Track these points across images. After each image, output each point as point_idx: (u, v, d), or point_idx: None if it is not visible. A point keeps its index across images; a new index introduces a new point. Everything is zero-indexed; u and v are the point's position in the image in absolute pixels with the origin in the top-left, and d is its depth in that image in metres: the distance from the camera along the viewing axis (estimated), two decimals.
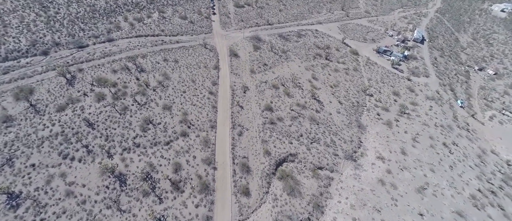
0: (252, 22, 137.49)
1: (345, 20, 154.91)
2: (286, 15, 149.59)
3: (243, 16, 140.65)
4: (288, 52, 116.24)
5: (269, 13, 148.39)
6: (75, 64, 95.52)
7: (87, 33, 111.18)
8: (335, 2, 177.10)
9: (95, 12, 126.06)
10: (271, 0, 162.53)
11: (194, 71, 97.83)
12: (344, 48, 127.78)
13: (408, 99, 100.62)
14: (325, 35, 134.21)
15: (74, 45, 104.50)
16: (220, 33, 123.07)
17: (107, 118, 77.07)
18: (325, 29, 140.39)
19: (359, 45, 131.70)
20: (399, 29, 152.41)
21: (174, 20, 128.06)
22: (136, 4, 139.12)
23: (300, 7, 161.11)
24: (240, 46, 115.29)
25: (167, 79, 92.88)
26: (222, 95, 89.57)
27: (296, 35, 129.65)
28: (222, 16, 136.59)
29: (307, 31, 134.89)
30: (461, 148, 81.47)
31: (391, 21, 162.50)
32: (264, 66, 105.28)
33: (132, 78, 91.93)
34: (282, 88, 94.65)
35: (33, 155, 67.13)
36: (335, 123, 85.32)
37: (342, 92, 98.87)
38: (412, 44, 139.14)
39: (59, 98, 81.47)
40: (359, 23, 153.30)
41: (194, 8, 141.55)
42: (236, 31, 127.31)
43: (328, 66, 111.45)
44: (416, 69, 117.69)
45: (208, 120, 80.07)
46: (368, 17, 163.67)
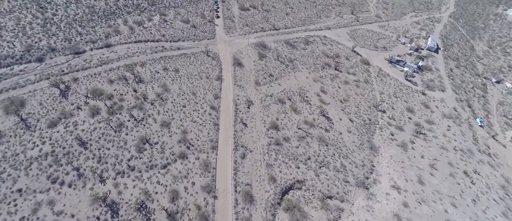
0: (258, 26, 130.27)
1: (355, 25, 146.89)
2: (293, 19, 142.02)
3: (248, 20, 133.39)
4: (295, 61, 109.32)
5: (275, 16, 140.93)
6: (70, 73, 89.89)
7: (84, 38, 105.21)
8: (345, 5, 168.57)
9: (94, 14, 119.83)
10: (277, 3, 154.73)
11: (195, 83, 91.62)
12: (354, 57, 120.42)
13: (424, 117, 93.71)
14: (334, 42, 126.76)
15: (70, 51, 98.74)
16: (223, 39, 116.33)
17: (101, 136, 71.48)
18: (334, 35, 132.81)
19: (370, 54, 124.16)
20: (412, 36, 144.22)
21: (176, 24, 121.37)
22: (136, 6, 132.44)
23: (308, 11, 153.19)
24: (245, 54, 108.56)
25: (166, 91, 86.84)
26: (224, 110, 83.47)
27: (304, 42, 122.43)
28: (226, 20, 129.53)
29: (315, 38, 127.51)
30: (484, 176, 74.83)
31: (403, 27, 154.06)
32: (269, 77, 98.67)
33: (130, 89, 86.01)
34: (288, 103, 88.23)
35: (20, 178, 61.92)
36: (346, 144, 78.98)
37: (352, 108, 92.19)
38: (426, 53, 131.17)
39: (52, 112, 75.98)
40: (370, 29, 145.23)
41: (197, 11, 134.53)
42: (241, 37, 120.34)
43: (337, 78, 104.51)
44: (431, 82, 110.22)
45: (209, 140, 74.16)
46: (379, 22, 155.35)
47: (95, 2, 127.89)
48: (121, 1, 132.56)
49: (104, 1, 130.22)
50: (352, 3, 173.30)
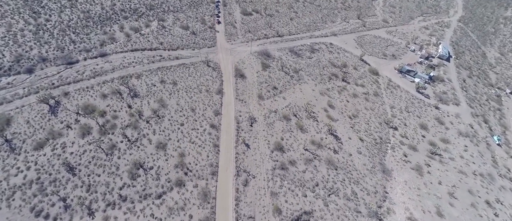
0: (261, 33, 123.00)
1: (362, 31, 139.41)
2: (297, 25, 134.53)
3: (250, 26, 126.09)
4: (300, 72, 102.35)
5: (279, 22, 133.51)
6: (61, 86, 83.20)
7: (78, 46, 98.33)
8: (350, 9, 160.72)
9: (89, 20, 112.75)
10: (281, 7, 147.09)
11: (194, 97, 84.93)
12: (363, 66, 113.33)
13: (438, 135, 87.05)
14: (341, 50, 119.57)
15: (62, 61, 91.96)
16: (225, 47, 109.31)
17: (91, 160, 65.11)
18: (341, 42, 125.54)
19: (379, 63, 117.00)
20: (422, 43, 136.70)
21: (175, 31, 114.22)
22: (134, 11, 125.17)
23: (313, 15, 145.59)
24: (247, 63, 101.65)
25: (163, 107, 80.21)
26: (225, 129, 76.92)
27: (309, 50, 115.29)
28: (227, 26, 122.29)
29: (321, 45, 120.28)
30: (507, 206, 68.59)
31: (411, 33, 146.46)
32: (273, 90, 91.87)
33: (124, 105, 79.44)
34: (294, 120, 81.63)
35: (1, 211, 55.88)
36: (356, 167, 72.50)
37: (362, 125, 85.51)
38: (437, 61, 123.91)
39: (39, 132, 69.54)
40: (377, 35, 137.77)
41: (197, 16, 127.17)
42: (243, 45, 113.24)
43: (345, 90, 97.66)
44: (444, 95, 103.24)
45: (208, 164, 67.70)
46: (386, 28, 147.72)
47: (91, 6, 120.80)
48: (118, 5, 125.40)
49: (100, 5, 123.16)
50: (358, 7, 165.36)
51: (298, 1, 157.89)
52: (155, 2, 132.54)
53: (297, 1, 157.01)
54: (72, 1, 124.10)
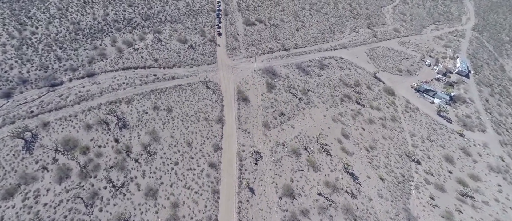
0: (265, 46, 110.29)
1: (373, 42, 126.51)
2: (304, 36, 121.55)
3: (254, 38, 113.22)
4: (309, 93, 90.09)
5: (284, 33, 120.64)
6: (41, 114, 71.29)
7: (63, 65, 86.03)
8: (359, 17, 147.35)
9: (78, 32, 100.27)
10: (286, 16, 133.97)
11: (191, 127, 72.93)
12: (377, 84, 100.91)
13: (466, 169, 75.20)
14: (352, 66, 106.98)
15: (45, 83, 79.66)
16: (226, 64, 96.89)
17: (68, 213, 53.41)
18: (351, 56, 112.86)
19: (394, 80, 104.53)
20: (437, 56, 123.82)
21: (172, 45, 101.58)
22: (128, 21, 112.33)
23: (320, 25, 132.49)
24: (251, 84, 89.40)
25: (155, 141, 68.32)
26: (226, 168, 65.04)
27: (318, 65, 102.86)
28: (229, 38, 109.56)
29: (330, 60, 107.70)
30: None
31: (425, 43, 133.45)
32: (281, 117, 79.83)
33: (110, 139, 67.56)
34: (305, 155, 69.78)
35: None
36: (378, 216, 60.78)
37: (381, 159, 73.62)
38: (456, 77, 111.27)
39: (10, 175, 57.74)
40: (389, 47, 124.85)
41: (197, 27, 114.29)
42: (246, 60, 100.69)
43: (360, 115, 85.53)
44: (468, 119, 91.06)
45: (206, 217, 55.86)
46: (398, 38, 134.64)
47: (82, 16, 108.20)
48: (111, 15, 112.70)
49: (92, 15, 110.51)
50: (367, 14, 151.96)
51: (304, 8, 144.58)
52: (151, 11, 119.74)
53: (303, 9, 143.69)
54: (62, 11, 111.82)
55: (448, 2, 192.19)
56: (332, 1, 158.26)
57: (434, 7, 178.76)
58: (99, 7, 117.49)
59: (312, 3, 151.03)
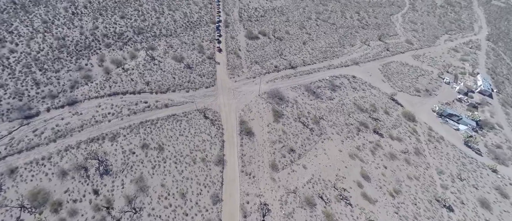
0: (270, 64, 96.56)
1: (386, 56, 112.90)
2: (312, 51, 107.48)
3: (257, 55, 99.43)
4: (321, 122, 76.87)
5: (290, 48, 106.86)
6: (9, 156, 58.25)
7: (41, 91, 72.28)
8: (369, 27, 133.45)
9: (63, 50, 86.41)
10: (292, 27, 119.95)
11: (186, 172, 59.50)
12: (395, 108, 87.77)
13: (506, 217, 62.65)
14: (367, 86, 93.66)
15: (18, 115, 65.76)
16: (226, 86, 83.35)
17: None
18: (364, 74, 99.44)
19: (412, 102, 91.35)
20: (455, 71, 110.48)
21: (166, 64, 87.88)
22: (119, 36, 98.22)
23: (328, 37, 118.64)
24: (255, 111, 76.12)
25: (142, 192, 55.05)
26: None
27: (329, 86, 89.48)
28: (230, 55, 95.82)
29: (342, 79, 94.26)
30: None
31: (440, 57, 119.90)
32: (290, 154, 66.78)
33: (88, 190, 54.27)
34: (320, 206, 56.81)
35: None
36: None
37: (409, 207, 60.73)
38: (479, 97, 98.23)
39: None
40: (403, 61, 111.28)
41: (194, 41, 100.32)
42: (249, 82, 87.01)
43: (379, 148, 72.54)
44: (499, 150, 78.14)
45: None
46: (411, 51, 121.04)
47: (69, 30, 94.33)
48: (101, 29, 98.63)
49: (79, 29, 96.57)
50: (377, 24, 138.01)
51: (310, 18, 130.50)
52: (145, 23, 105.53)
53: (309, 19, 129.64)
54: (47, 24, 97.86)
55: (457, 8, 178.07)
56: (339, 10, 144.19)
57: (445, 15, 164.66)
58: (88, 19, 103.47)
59: (318, 12, 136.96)
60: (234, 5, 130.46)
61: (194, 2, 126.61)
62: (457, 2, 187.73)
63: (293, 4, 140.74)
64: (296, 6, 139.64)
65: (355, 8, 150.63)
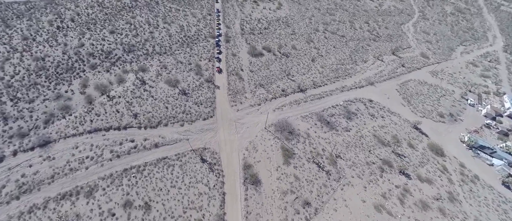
0: (276, 86, 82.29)
1: (402, 73, 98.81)
2: (322, 70, 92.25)
3: (262, 75, 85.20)
4: (339, 161, 63.35)
5: (298, 66, 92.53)
6: None
7: (9, 129, 58.49)
8: (380, 39, 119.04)
9: (41, 73, 72.47)
10: (298, 41, 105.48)
11: None
12: (419, 138, 74.10)
13: None
14: (385, 112, 80.00)
15: None
16: (227, 116, 69.35)
17: None
18: (381, 96, 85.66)
19: (437, 130, 77.79)
20: (478, 90, 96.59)
21: (158, 90, 73.84)
22: (107, 54, 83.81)
23: (339, 52, 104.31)
24: (261, 150, 62.42)
25: None
26: None
27: (344, 114, 75.79)
28: (231, 77, 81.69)
29: (357, 104, 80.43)
30: None
31: (459, 72, 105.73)
32: (305, 209, 53.11)
33: None
34: None
35: None
36: None
37: None
38: (508, 122, 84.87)
39: None
40: (422, 80, 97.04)
41: (191, 60, 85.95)
42: (253, 110, 72.49)
43: (408, 194, 59.23)
44: None
45: None
46: (428, 66, 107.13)
47: (50, 49, 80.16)
48: (87, 47, 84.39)
49: (62, 47, 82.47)
50: (388, 35, 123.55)
51: (318, 30, 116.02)
52: (137, 39, 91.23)
53: (316, 31, 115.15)
54: (27, 41, 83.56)
55: (468, 16, 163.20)
56: (347, 20, 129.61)
57: (456, 23, 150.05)
58: (74, 34, 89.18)
59: (326, 23, 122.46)
60: (235, 16, 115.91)
61: (192, 13, 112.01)
62: (467, 9, 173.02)
63: (298, 14, 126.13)
64: (302, 16, 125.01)
65: (363, 17, 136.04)
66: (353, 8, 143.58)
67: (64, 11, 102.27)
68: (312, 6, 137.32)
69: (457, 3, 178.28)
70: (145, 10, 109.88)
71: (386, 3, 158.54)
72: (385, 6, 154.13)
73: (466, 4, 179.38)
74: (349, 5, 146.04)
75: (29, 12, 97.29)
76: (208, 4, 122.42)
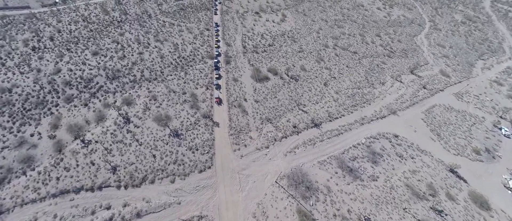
0: (286, 121, 65.68)
1: (424, 97, 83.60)
2: (337, 95, 76.22)
3: (269, 106, 68.85)
4: None
5: (309, 92, 76.76)
6: None
7: None
8: (395, 55, 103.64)
9: (4, 110, 56.55)
10: (307, 60, 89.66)
11: None
12: (457, 184, 59.37)
13: None
14: (415, 150, 64.89)
15: None
16: (229, 167, 53.25)
17: None
18: (407, 129, 70.37)
19: (476, 171, 63.10)
20: (510, 116, 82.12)
21: (145, 131, 58.11)
22: (86, 83, 67.61)
23: (353, 72, 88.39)
24: (272, 216, 45.78)
25: None
26: None
27: (369, 156, 60.17)
28: (232, 110, 65.89)
29: (382, 141, 65.06)
30: None
31: (484, 94, 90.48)
32: None
33: None
34: None
35: None
36: None
37: None
38: None
39: None
40: (447, 105, 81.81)
41: (186, 88, 69.87)
42: (260, 155, 56.26)
43: None
44: None
45: None
46: (450, 86, 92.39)
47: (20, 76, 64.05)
48: (64, 73, 68.08)
49: (35, 74, 66.54)
50: (403, 50, 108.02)
51: (327, 46, 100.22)
52: (123, 63, 75.09)
53: (326, 47, 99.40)
54: None
55: (479, 25, 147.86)
56: (358, 33, 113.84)
57: (470, 33, 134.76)
58: (51, 57, 73.04)
59: (335, 37, 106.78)
60: (236, 30, 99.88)
61: (188, 28, 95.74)
62: (476, 17, 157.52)
63: (304, 27, 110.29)
64: (309, 30, 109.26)
65: (374, 29, 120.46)
66: (361, 18, 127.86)
67: (44, 28, 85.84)
68: (318, 17, 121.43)
69: (465, 11, 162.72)
70: (135, 25, 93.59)
71: (395, 13, 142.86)
72: (394, 16, 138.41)
73: (474, 12, 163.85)
74: (357, 15, 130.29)
75: (5, 28, 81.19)
76: (205, 17, 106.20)
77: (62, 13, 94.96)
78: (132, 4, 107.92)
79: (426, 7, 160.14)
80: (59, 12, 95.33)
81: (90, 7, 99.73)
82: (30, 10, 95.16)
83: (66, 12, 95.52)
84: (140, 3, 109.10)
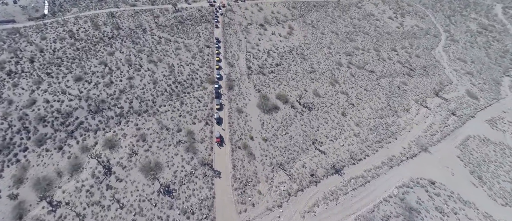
0: (300, 166, 51.16)
1: (455, 126, 69.21)
2: (358, 130, 61.66)
3: (279, 146, 54.40)
4: None
5: (326, 125, 62.33)
6: None
7: None
8: (415, 73, 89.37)
9: None
10: (320, 82, 75.13)
11: None
12: None
13: None
14: (456, 201, 50.49)
15: None
16: None
17: None
18: (443, 172, 55.96)
19: None
20: None
21: (129, 186, 43.85)
22: (64, 119, 54.07)
23: (372, 96, 73.66)
24: None
25: None
26: None
27: (404, 214, 45.53)
28: (236, 153, 51.51)
29: (417, 192, 50.23)
30: None
31: None
32: None
33: None
34: None
35: None
36: None
37: None
38: None
39: None
40: (482, 136, 66.45)
41: (181, 124, 55.82)
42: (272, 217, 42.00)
43: None
44: None
45: None
46: (480, 110, 78.64)
47: None
48: (38, 106, 55.10)
49: (4, 109, 53.10)
50: (422, 67, 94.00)
51: (341, 65, 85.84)
52: (110, 91, 61.69)
53: (339, 66, 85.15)
54: None
55: (496, 34, 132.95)
56: (372, 47, 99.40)
57: (489, 45, 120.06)
58: (26, 84, 59.82)
59: (348, 53, 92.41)
60: (239, 47, 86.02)
61: (186, 45, 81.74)
62: (492, 26, 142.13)
63: (314, 42, 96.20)
64: (319, 45, 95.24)
65: (388, 42, 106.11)
66: (374, 30, 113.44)
67: (25, 47, 72.53)
68: (328, 29, 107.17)
69: (479, 19, 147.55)
70: (128, 42, 79.91)
71: (408, 22, 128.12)
72: (407, 26, 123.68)
73: (488, 19, 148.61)
74: (369, 26, 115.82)
75: None
76: (206, 31, 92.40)
77: (48, 28, 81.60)
78: (126, 16, 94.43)
79: (438, 16, 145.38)
80: (45, 26, 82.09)
81: (80, 21, 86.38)
82: (14, 24, 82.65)
83: (53, 27, 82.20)
84: (135, 15, 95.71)
